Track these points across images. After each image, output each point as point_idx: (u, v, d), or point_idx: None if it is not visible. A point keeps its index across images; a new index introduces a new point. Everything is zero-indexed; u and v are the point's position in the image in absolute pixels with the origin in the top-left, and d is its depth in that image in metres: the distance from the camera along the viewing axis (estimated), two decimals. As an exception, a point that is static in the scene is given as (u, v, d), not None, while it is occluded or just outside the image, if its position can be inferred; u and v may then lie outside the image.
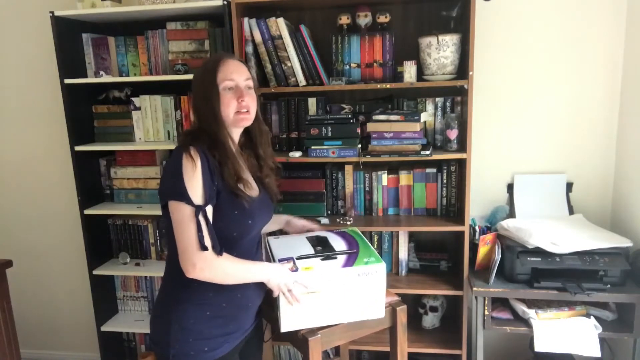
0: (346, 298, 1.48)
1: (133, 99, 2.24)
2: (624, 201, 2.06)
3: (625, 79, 2.05)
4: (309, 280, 1.43)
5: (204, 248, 1.27)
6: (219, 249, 1.31)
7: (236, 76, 1.40)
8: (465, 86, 1.88)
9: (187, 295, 1.36)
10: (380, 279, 1.49)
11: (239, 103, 1.40)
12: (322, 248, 1.59)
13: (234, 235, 1.37)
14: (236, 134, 1.47)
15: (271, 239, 1.70)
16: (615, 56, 2.06)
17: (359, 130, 2.02)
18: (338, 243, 1.63)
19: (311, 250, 1.57)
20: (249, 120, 1.44)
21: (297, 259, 1.51)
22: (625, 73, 2.05)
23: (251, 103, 1.43)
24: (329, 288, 1.45)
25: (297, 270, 1.44)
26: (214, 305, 1.37)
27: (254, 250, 1.48)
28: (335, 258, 1.52)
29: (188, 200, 1.28)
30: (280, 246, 1.63)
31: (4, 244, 2.71)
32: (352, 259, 1.51)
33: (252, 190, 1.46)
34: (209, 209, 1.33)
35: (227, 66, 1.40)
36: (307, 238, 1.68)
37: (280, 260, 1.50)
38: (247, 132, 1.52)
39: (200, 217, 1.28)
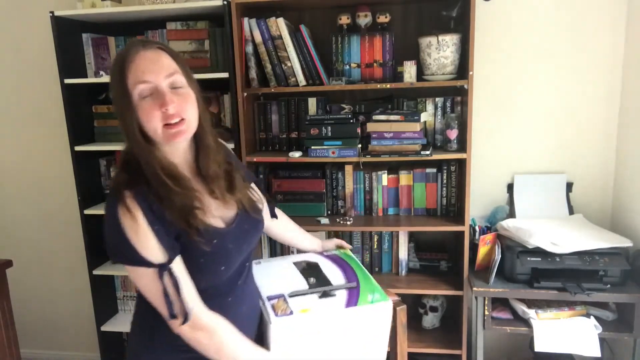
0: (345, 340, 1.28)
1: (133, 99, 2.24)
2: (624, 201, 2.06)
3: (625, 79, 2.05)
4: None
5: (172, 316, 1.04)
6: (189, 311, 1.04)
7: (151, 75, 1.03)
8: (465, 86, 1.88)
9: (159, 339, 1.13)
10: (386, 319, 1.31)
11: (162, 112, 1.02)
12: (316, 280, 1.36)
13: (202, 286, 1.10)
14: (179, 149, 1.12)
15: (253, 264, 1.39)
16: (615, 56, 2.06)
17: (359, 130, 2.02)
18: (332, 271, 1.40)
19: (304, 284, 1.34)
20: (186, 132, 1.07)
21: (290, 296, 1.27)
22: (625, 73, 2.05)
23: (185, 107, 1.06)
24: (327, 330, 1.25)
25: (291, 313, 1.21)
26: (191, 351, 1.10)
27: (239, 283, 1.20)
28: (334, 295, 1.28)
29: (145, 263, 1.02)
30: (265, 276, 1.38)
31: (4, 244, 2.71)
32: (354, 295, 1.29)
33: (220, 217, 1.15)
34: (177, 262, 1.06)
35: (136, 64, 1.03)
36: (295, 264, 1.45)
37: (269, 299, 1.27)
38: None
39: (166, 279, 1.03)
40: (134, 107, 1.03)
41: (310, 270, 1.42)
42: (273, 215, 1.45)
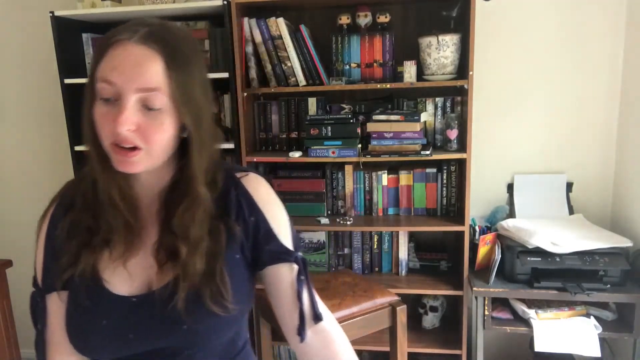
0: None
1: (133, 99, 2.24)
2: (624, 201, 2.06)
3: (625, 79, 2.05)
4: None
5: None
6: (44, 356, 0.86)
7: (120, 78, 0.73)
8: (465, 86, 1.88)
9: None
10: None
11: (114, 128, 0.74)
12: None
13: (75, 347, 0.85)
14: (140, 173, 0.82)
15: None
16: (615, 56, 2.06)
17: (359, 130, 2.02)
18: None
19: None
20: (136, 165, 0.77)
21: None
22: (625, 73, 2.05)
23: (149, 135, 0.75)
24: None
25: None
26: None
27: None
28: None
29: (34, 278, 0.89)
30: None
31: (4, 244, 2.71)
32: None
33: (137, 281, 0.84)
34: (54, 299, 0.85)
35: (112, 56, 0.74)
36: None
37: None
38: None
39: (39, 304, 0.86)
40: (92, 104, 0.78)
41: None
42: (299, 333, 0.88)
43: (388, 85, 1.98)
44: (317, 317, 0.88)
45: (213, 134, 0.84)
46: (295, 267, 0.88)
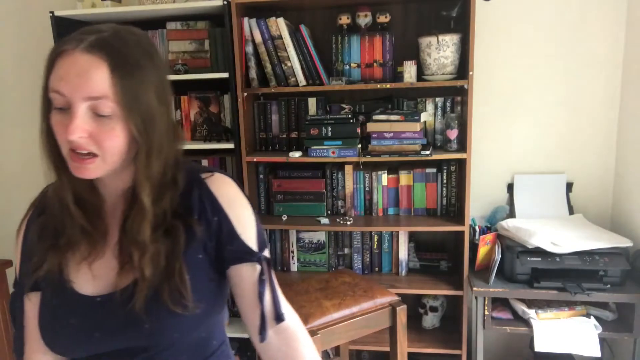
0: None
1: (133, 99, 2.24)
2: (624, 201, 2.06)
3: (625, 79, 2.05)
4: None
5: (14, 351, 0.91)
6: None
7: (67, 88, 0.74)
8: (465, 86, 1.89)
9: None
10: None
11: (66, 136, 0.75)
12: None
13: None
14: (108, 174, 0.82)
15: None
16: (615, 56, 2.06)
17: (359, 130, 2.02)
18: None
19: None
20: (93, 172, 0.79)
21: None
22: (625, 73, 2.05)
23: (102, 141, 0.77)
24: None
25: None
26: None
27: None
28: None
29: (15, 280, 0.94)
30: None
31: (4, 244, 2.70)
32: None
33: (104, 282, 0.85)
34: (30, 299, 0.89)
35: (59, 65, 0.76)
36: None
37: None
38: None
39: (17, 304, 0.91)
40: (48, 112, 0.79)
41: None
42: (260, 332, 0.88)
43: (388, 85, 1.98)
44: (278, 318, 0.88)
45: (171, 137, 0.84)
46: (258, 267, 0.88)
